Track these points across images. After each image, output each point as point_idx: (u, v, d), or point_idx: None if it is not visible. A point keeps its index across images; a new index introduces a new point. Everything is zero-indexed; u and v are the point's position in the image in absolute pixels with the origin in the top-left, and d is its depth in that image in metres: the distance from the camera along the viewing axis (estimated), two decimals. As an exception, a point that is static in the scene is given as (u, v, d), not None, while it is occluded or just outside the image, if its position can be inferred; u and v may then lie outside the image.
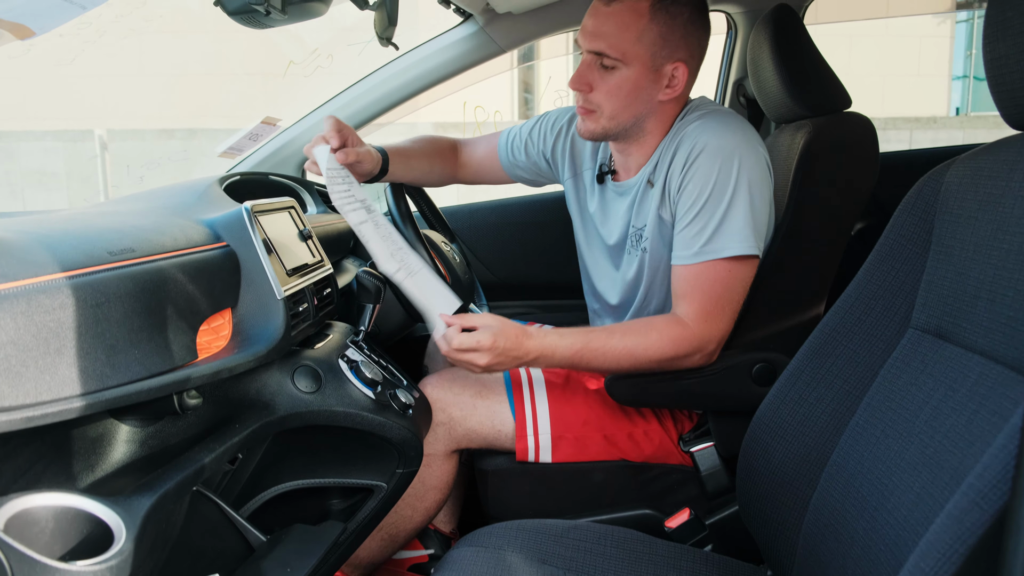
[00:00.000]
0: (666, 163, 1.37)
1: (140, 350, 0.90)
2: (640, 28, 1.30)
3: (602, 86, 1.35)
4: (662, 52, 1.33)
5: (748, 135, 1.34)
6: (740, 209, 1.29)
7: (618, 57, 1.31)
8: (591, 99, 1.37)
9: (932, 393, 0.96)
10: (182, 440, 1.10)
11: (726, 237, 1.30)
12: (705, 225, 1.31)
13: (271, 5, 1.06)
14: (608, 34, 1.31)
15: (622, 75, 1.33)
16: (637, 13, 1.30)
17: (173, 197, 1.31)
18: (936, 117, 10.11)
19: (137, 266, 0.94)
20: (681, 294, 1.35)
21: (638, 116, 1.38)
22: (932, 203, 1.06)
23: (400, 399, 1.31)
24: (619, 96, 1.35)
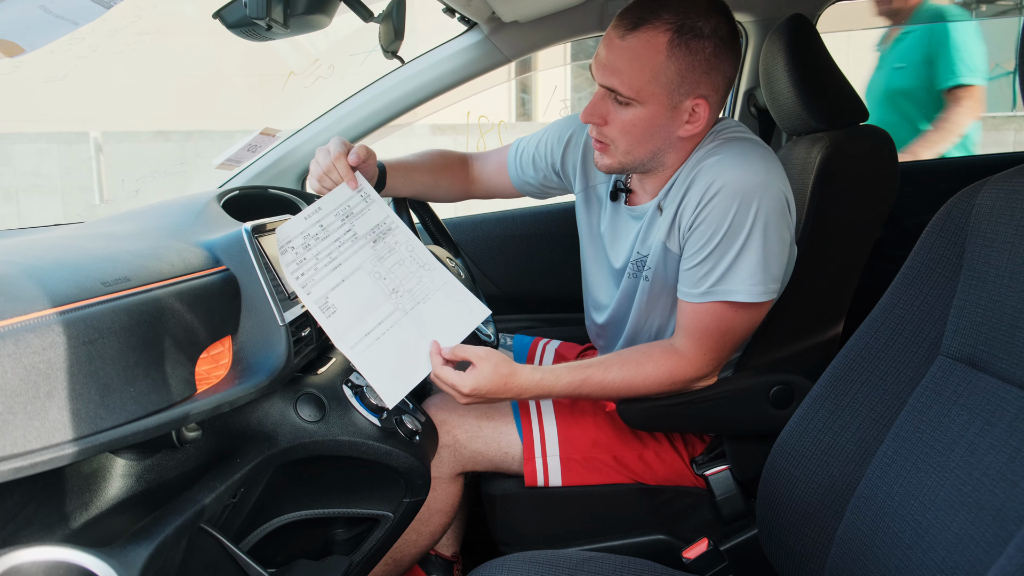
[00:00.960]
0: (679, 193, 1.29)
1: (136, 387, 0.85)
2: (656, 66, 1.20)
3: (616, 121, 1.26)
4: (681, 89, 1.23)
5: (770, 172, 1.24)
6: (753, 254, 1.22)
7: (632, 96, 1.22)
8: (605, 133, 1.29)
9: (967, 426, 0.92)
10: (180, 474, 1.05)
11: (735, 281, 1.23)
12: (714, 267, 1.24)
13: (273, 19, 1.01)
14: (622, 70, 1.21)
15: (637, 113, 1.24)
16: (654, 49, 1.19)
17: (169, 216, 1.27)
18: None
19: (132, 297, 0.89)
20: (683, 327, 1.31)
21: (655, 151, 1.30)
22: (962, 226, 1.01)
23: (407, 425, 1.26)
24: (634, 133, 1.26)
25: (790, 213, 1.27)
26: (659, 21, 1.19)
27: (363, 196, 1.28)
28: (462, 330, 1.29)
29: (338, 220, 1.25)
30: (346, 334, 1.18)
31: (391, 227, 1.30)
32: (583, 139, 1.51)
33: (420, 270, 1.30)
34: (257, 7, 0.99)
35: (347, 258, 1.24)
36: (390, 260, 1.28)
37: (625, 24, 1.21)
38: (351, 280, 1.23)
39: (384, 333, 1.23)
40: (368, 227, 1.28)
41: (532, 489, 1.42)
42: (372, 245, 1.27)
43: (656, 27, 1.19)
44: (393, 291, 1.26)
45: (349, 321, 1.19)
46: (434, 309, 1.28)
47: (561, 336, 1.86)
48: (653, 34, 1.19)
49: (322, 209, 1.24)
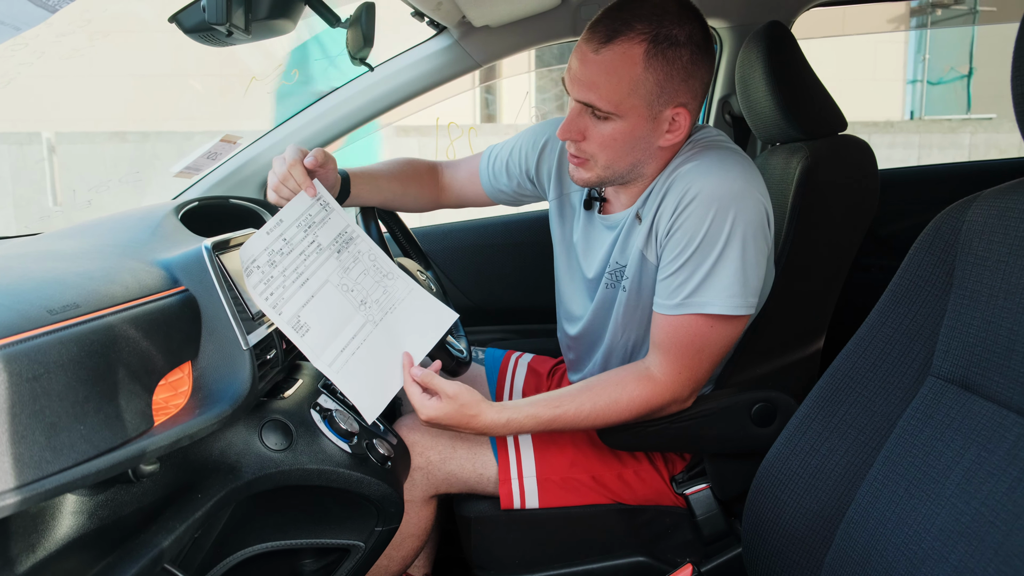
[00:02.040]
0: (656, 200, 1.25)
1: (86, 425, 0.79)
2: (634, 78, 1.15)
3: (595, 136, 1.21)
4: (660, 100, 1.18)
5: (749, 180, 1.20)
6: (731, 264, 1.17)
7: (611, 110, 1.17)
8: (584, 148, 1.24)
9: (963, 452, 0.89)
10: (137, 509, 0.98)
11: (711, 292, 1.19)
12: (690, 276, 1.19)
13: (233, 25, 0.95)
14: (599, 85, 1.16)
15: (616, 126, 1.19)
16: (630, 61, 1.14)
17: (124, 232, 1.19)
18: (892, 121, 10.27)
19: (82, 325, 0.82)
20: (658, 343, 1.25)
21: (635, 163, 1.25)
22: (952, 242, 0.99)
23: (378, 450, 1.21)
24: (614, 147, 1.21)
25: (769, 225, 1.23)
26: (633, 32, 1.14)
27: (323, 204, 1.22)
28: (432, 337, 1.26)
29: (301, 231, 1.19)
30: (323, 352, 1.13)
31: (353, 236, 1.25)
32: (558, 146, 1.46)
33: (385, 279, 1.25)
34: (216, 12, 0.92)
35: (314, 272, 1.18)
36: (355, 270, 1.23)
37: (598, 37, 1.16)
38: (320, 295, 1.17)
39: (359, 347, 1.18)
40: (331, 237, 1.22)
41: (508, 511, 1.37)
42: (337, 256, 1.21)
43: (631, 38, 1.14)
44: (362, 303, 1.21)
45: (324, 338, 1.14)
46: (403, 318, 1.24)
47: (534, 348, 1.81)
48: (628, 46, 1.15)
49: (283, 221, 1.18)
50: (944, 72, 12.11)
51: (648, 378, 1.25)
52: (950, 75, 12.04)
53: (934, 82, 12.21)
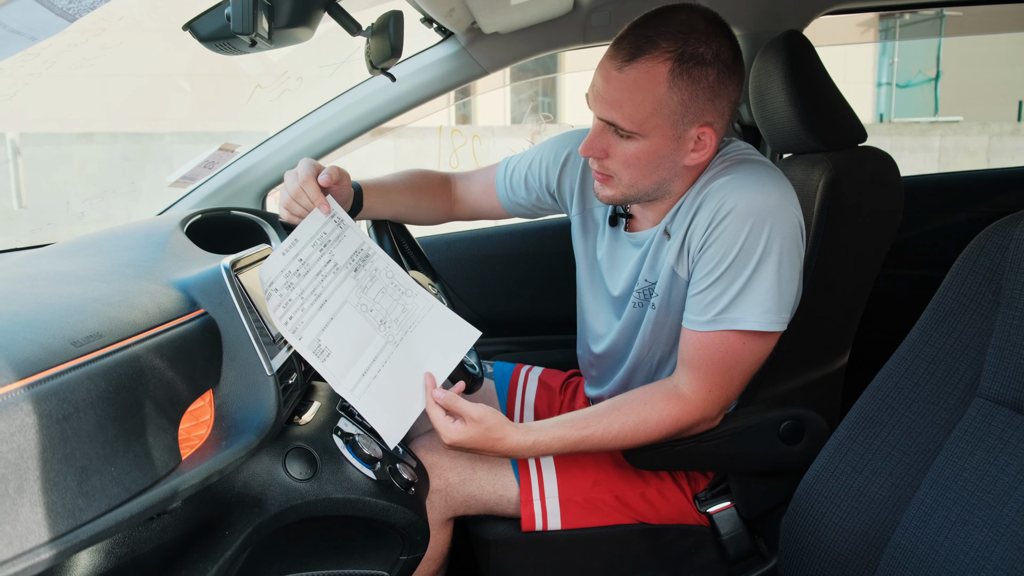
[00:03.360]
0: (688, 216, 1.21)
1: (117, 466, 0.73)
2: (658, 98, 1.12)
3: (618, 154, 1.18)
4: (685, 119, 1.15)
5: (784, 195, 1.17)
6: (766, 279, 1.14)
7: (634, 130, 1.14)
8: (607, 165, 1.20)
9: (1021, 477, 0.87)
10: (157, 547, 0.92)
11: (745, 308, 1.15)
12: (724, 291, 1.16)
13: (259, 34, 0.89)
14: (622, 104, 1.13)
15: (640, 145, 1.16)
16: (654, 80, 1.11)
17: (133, 250, 1.13)
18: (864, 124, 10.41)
19: (108, 357, 0.76)
20: (687, 360, 1.22)
21: (660, 182, 1.22)
22: (999, 261, 0.97)
23: (402, 475, 1.16)
24: (637, 166, 1.18)
25: (803, 239, 1.21)
26: (658, 51, 1.11)
27: (337, 222, 1.18)
28: (455, 356, 1.21)
29: (316, 251, 1.15)
30: (344, 377, 1.08)
31: (369, 253, 1.20)
32: (581, 161, 1.43)
33: (403, 297, 1.21)
34: (243, 21, 0.87)
35: (332, 292, 1.13)
36: (373, 289, 1.18)
37: (622, 55, 1.12)
38: (339, 317, 1.12)
39: (380, 370, 1.13)
40: (347, 255, 1.17)
41: (529, 533, 1.33)
42: (354, 275, 1.17)
43: (655, 57, 1.11)
44: (381, 323, 1.17)
45: (345, 362, 1.09)
46: (424, 336, 1.20)
47: (541, 361, 1.77)
48: (652, 64, 1.11)
49: (299, 241, 1.13)
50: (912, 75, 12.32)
51: (677, 396, 1.21)
52: (918, 78, 12.25)
53: (902, 85, 12.41)
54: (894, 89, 12.21)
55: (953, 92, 11.73)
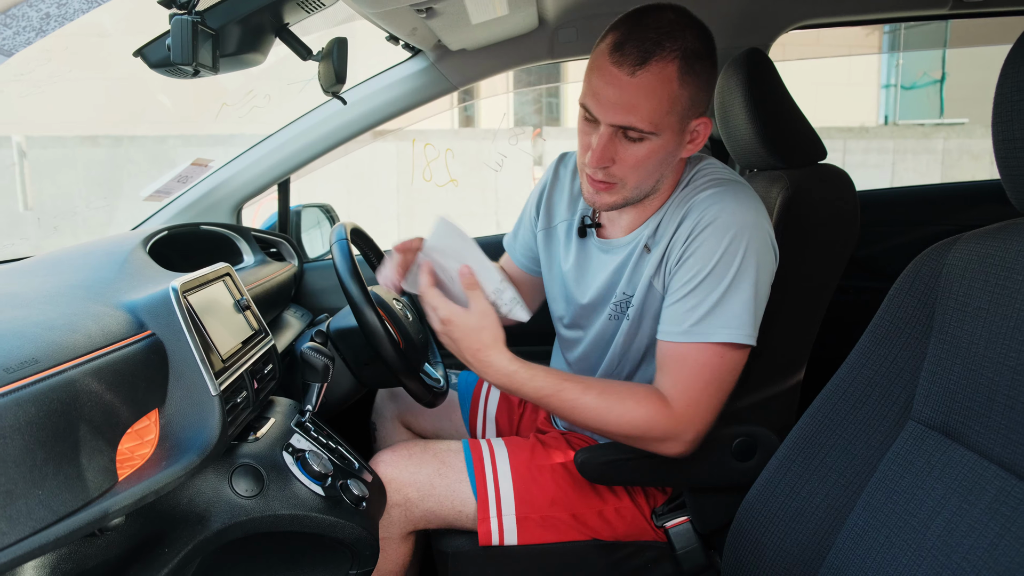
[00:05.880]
0: (669, 231, 1.24)
1: (44, 489, 0.75)
2: (672, 95, 1.14)
3: (627, 158, 1.19)
4: (690, 113, 1.18)
5: (760, 213, 1.20)
6: (743, 292, 1.16)
7: (652, 129, 1.16)
8: (614, 172, 1.21)
9: (944, 502, 0.89)
10: (101, 562, 0.95)
11: (722, 320, 1.17)
12: (700, 302, 1.17)
13: (200, 64, 0.91)
14: (639, 106, 1.14)
15: (651, 145, 1.18)
16: (667, 79, 1.13)
17: (89, 269, 1.15)
18: (867, 127, 10.37)
19: (41, 383, 0.78)
20: (665, 371, 1.21)
21: (659, 178, 1.25)
22: (932, 286, 0.98)
23: (352, 491, 1.18)
24: (647, 166, 1.20)
25: (775, 259, 1.24)
26: (665, 51, 1.13)
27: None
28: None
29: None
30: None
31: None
32: (545, 182, 1.47)
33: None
34: (182, 52, 0.89)
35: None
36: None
37: (631, 60, 1.13)
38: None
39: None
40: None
41: (486, 547, 1.35)
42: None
43: (664, 58, 1.13)
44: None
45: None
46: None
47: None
48: (663, 65, 1.13)
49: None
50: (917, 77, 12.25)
51: (659, 399, 1.20)
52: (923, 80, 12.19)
53: (907, 87, 12.35)
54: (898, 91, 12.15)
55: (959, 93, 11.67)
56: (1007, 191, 0.89)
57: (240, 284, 1.26)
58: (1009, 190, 0.88)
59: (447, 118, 9.55)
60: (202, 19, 0.95)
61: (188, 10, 0.92)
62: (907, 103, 12.46)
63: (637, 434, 1.20)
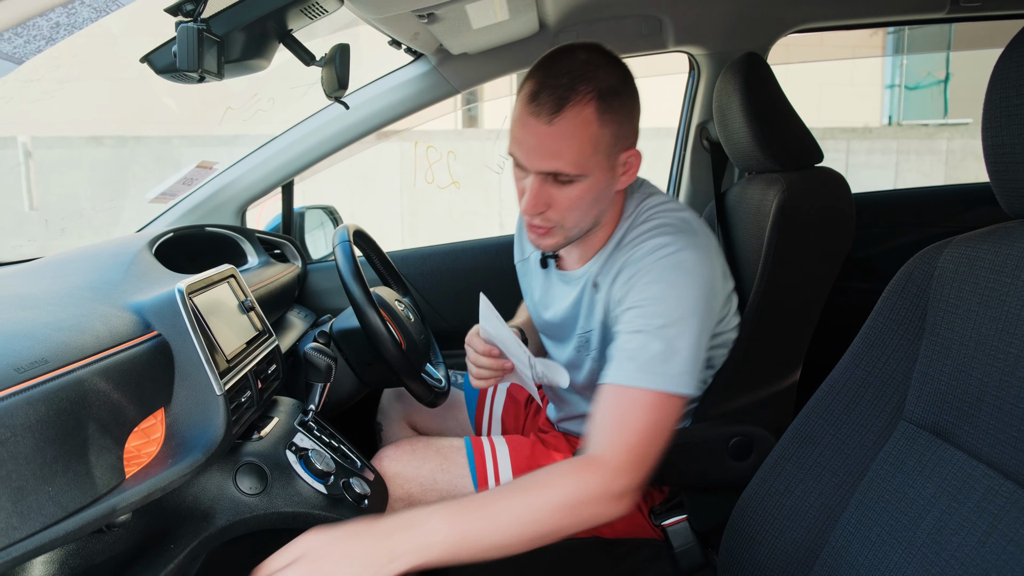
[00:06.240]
0: (614, 267, 1.24)
1: (54, 486, 0.78)
2: (593, 137, 1.13)
3: (561, 201, 1.18)
4: (616, 148, 1.18)
5: (706, 248, 1.19)
6: (684, 342, 1.13)
7: (578, 173, 1.15)
8: (550, 217, 1.20)
9: (934, 501, 0.90)
10: (109, 558, 0.97)
11: (668, 367, 1.12)
12: (642, 349, 1.13)
13: (205, 71, 0.94)
14: (561, 152, 1.13)
15: (583, 186, 1.17)
16: (586, 122, 1.12)
17: (96, 271, 1.18)
18: (870, 127, 10.35)
19: (51, 382, 0.81)
20: (604, 420, 1.13)
21: (598, 214, 1.24)
22: (924, 288, 1.00)
23: (354, 489, 1.20)
24: (581, 207, 1.19)
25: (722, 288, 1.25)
26: (579, 95, 1.12)
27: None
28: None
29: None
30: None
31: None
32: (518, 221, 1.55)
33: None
34: (188, 59, 0.91)
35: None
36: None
37: (547, 109, 1.12)
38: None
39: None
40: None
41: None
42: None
43: (579, 102, 1.12)
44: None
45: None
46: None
47: (512, 372, 1.81)
48: (579, 108, 1.12)
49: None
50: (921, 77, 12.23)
51: (583, 461, 1.10)
52: (927, 80, 12.17)
53: (911, 87, 12.33)
54: (901, 91, 12.13)
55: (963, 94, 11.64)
56: (997, 195, 0.90)
57: (244, 285, 1.28)
58: (999, 194, 0.90)
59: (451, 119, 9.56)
60: (207, 26, 0.97)
61: (194, 18, 0.94)
62: (911, 103, 12.44)
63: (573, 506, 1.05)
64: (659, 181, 2.23)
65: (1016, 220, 0.92)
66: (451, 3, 1.29)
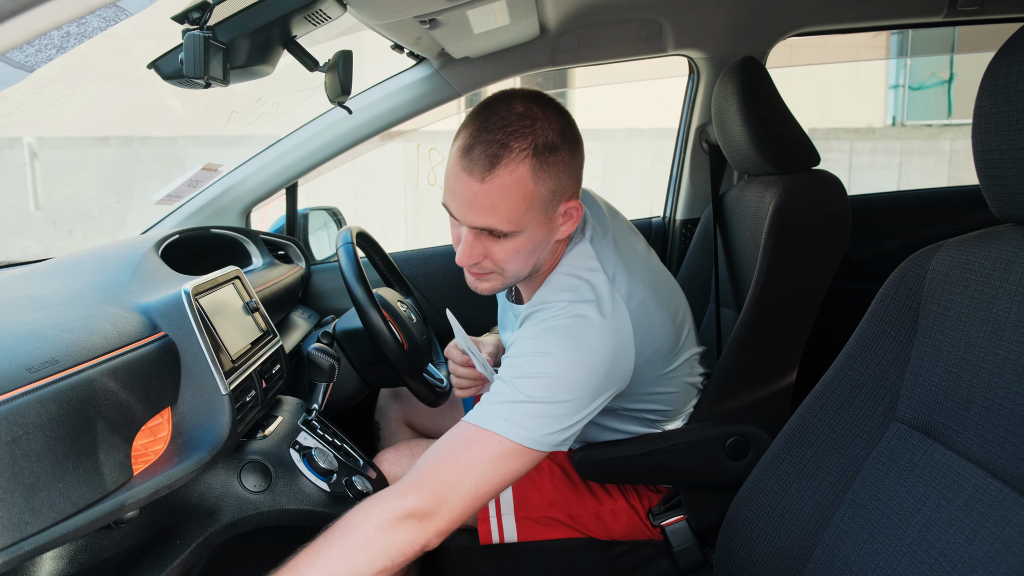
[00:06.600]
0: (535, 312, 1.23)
1: (65, 483, 0.80)
2: (527, 195, 1.09)
3: (497, 253, 1.15)
4: (553, 203, 1.13)
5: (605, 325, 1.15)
6: (539, 398, 1.09)
7: (512, 229, 1.12)
8: (486, 266, 1.18)
9: (924, 499, 0.92)
10: (116, 553, 0.99)
11: (501, 411, 1.09)
12: (494, 393, 1.12)
13: (211, 77, 0.96)
14: (495, 209, 1.10)
15: (518, 239, 1.14)
16: (520, 181, 1.08)
17: (104, 273, 1.20)
18: (874, 127, 10.35)
19: (61, 382, 0.83)
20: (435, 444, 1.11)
21: (537, 262, 1.20)
22: (917, 291, 1.01)
23: (356, 487, 1.22)
24: (518, 258, 1.16)
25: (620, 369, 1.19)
26: (513, 153, 1.08)
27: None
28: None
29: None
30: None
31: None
32: None
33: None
34: (194, 66, 0.93)
35: None
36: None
37: (480, 166, 1.08)
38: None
39: None
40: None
41: (487, 544, 1.39)
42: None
43: (513, 159, 1.08)
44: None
45: None
46: None
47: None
48: (514, 167, 1.08)
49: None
50: (925, 78, 12.22)
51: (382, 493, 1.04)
52: (931, 80, 12.16)
53: (915, 87, 12.32)
54: (905, 91, 12.11)
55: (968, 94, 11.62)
56: (987, 199, 0.92)
57: (249, 287, 1.31)
58: (989, 199, 0.92)
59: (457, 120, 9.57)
60: (213, 34, 0.99)
61: (200, 25, 0.96)
62: (915, 104, 12.42)
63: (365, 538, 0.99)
64: (661, 181, 2.25)
65: (1006, 224, 0.94)
66: (452, 9, 1.31)
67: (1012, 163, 0.86)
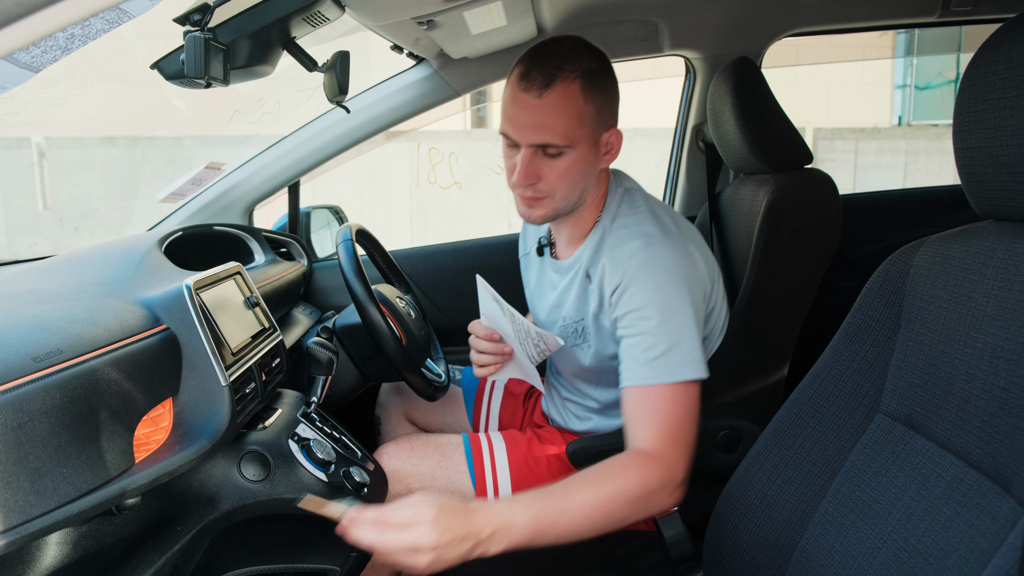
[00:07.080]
0: (601, 261, 1.31)
1: (68, 468, 0.83)
2: (579, 110, 1.24)
3: (550, 173, 1.28)
4: (599, 125, 1.28)
5: (681, 244, 1.28)
6: (688, 329, 1.23)
7: (566, 144, 1.25)
8: (541, 188, 1.29)
9: (904, 488, 0.94)
10: (119, 540, 1.02)
11: (678, 359, 1.21)
12: (653, 345, 1.22)
13: (212, 77, 0.99)
14: (551, 124, 1.24)
15: (570, 158, 1.27)
16: (572, 96, 1.23)
17: (108, 268, 1.23)
18: (879, 127, 10.33)
19: (65, 371, 0.86)
20: (638, 419, 1.22)
21: (585, 190, 1.33)
22: (900, 285, 1.04)
23: (354, 478, 1.25)
24: (570, 178, 1.29)
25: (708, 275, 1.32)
26: (566, 73, 1.23)
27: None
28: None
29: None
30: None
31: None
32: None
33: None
34: (195, 67, 0.96)
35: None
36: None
37: (537, 85, 1.23)
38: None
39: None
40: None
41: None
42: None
43: (566, 78, 1.23)
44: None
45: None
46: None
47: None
48: (567, 84, 1.23)
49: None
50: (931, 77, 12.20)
51: (642, 455, 1.19)
52: (937, 80, 12.13)
53: (921, 87, 12.30)
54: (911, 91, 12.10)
55: (974, 95, 11.54)
56: (968, 196, 0.94)
57: (250, 282, 1.33)
58: (969, 195, 0.94)
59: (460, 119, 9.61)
60: (214, 35, 1.02)
61: (201, 27, 0.99)
62: (921, 103, 12.40)
63: (638, 498, 1.16)
64: (660, 180, 2.28)
65: (986, 220, 0.96)
66: (449, 10, 1.34)
67: (990, 160, 0.88)
